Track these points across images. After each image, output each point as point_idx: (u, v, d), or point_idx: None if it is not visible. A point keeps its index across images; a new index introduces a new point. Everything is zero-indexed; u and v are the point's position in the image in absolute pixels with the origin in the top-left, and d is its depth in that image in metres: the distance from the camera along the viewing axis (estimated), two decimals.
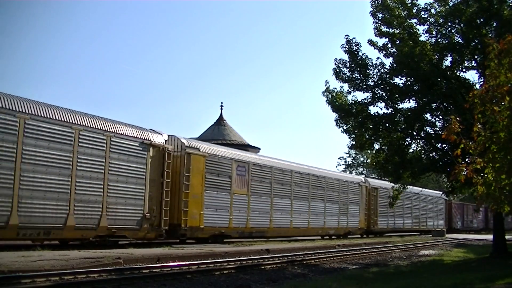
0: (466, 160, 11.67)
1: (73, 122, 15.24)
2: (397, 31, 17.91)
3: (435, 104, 18.17)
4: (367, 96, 18.38)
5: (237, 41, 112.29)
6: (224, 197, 21.19)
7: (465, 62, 18.15)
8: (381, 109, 18.51)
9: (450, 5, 17.45)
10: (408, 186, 35.94)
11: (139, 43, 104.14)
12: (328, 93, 18.45)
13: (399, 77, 18.15)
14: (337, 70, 18.17)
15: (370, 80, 18.13)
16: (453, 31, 17.69)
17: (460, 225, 51.64)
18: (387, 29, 18.04)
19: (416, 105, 18.39)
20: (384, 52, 18.17)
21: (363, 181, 33.94)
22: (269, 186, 24.15)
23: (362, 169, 71.60)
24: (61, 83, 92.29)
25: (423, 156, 19.33)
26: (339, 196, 30.02)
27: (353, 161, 72.35)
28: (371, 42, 18.26)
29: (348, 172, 71.37)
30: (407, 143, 19.42)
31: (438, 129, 18.56)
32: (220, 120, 39.13)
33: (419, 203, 41.93)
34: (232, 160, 21.77)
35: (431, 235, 40.74)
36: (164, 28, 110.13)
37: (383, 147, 19.59)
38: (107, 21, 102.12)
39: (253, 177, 23.00)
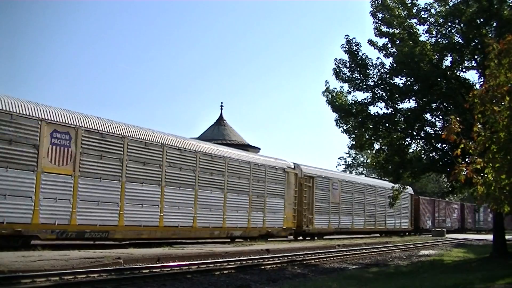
0: (466, 160, 11.67)
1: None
2: (397, 31, 17.92)
3: (435, 104, 18.17)
4: (367, 96, 18.40)
5: (237, 41, 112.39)
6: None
7: (465, 62, 18.15)
8: (381, 109, 18.54)
9: (450, 5, 17.44)
10: (360, 176, 32.63)
11: (139, 43, 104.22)
12: (328, 93, 18.46)
13: (399, 77, 18.15)
14: (337, 70, 18.17)
15: (370, 80, 18.13)
16: (453, 31, 17.69)
17: (430, 225, 44.88)
18: (387, 29, 18.05)
19: (416, 105, 18.39)
20: (384, 52, 18.17)
21: (292, 166, 25.86)
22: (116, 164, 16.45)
23: (362, 169, 71.67)
24: (61, 83, 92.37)
25: (423, 156, 19.33)
26: (250, 185, 22.42)
27: (353, 161, 72.40)
28: (371, 42, 18.27)
29: (348, 172, 71.38)
30: (407, 143, 19.43)
31: (438, 129, 18.56)
32: (220, 120, 39.12)
33: (375, 198, 34.66)
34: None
35: (431, 235, 40.65)
36: (164, 28, 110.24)
37: (383, 147, 19.59)
38: (107, 21, 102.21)
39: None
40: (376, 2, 17.83)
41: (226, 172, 21.11)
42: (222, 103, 44.91)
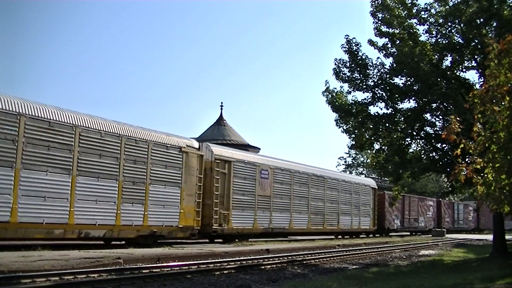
0: (466, 160, 11.67)
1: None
2: (397, 31, 17.92)
3: (435, 104, 18.17)
4: (367, 96, 18.41)
5: (237, 41, 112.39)
6: None
7: (465, 62, 18.16)
8: (381, 109, 18.55)
9: (450, 5, 17.45)
10: (305, 164, 27.08)
11: (140, 43, 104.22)
12: (328, 93, 18.46)
13: (399, 77, 18.17)
14: (337, 70, 18.18)
15: (370, 80, 18.14)
16: (453, 31, 17.69)
17: (398, 225, 39.25)
18: (387, 29, 18.05)
19: (416, 105, 18.40)
20: (384, 52, 18.18)
21: (194, 145, 19.69)
22: None
23: (362, 169, 71.68)
24: (60, 83, 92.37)
25: (423, 156, 19.34)
26: (121, 167, 16.50)
27: (353, 161, 72.41)
28: (371, 42, 18.27)
29: (348, 172, 71.40)
30: (407, 143, 19.44)
31: (438, 129, 18.57)
32: (220, 120, 39.13)
33: (325, 192, 28.59)
34: None
35: (424, 235, 40.45)
36: (164, 28, 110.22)
37: (383, 147, 19.61)
38: (107, 21, 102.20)
39: None
40: (376, 2, 17.83)
41: (77, 147, 15.21)
42: (222, 103, 44.94)
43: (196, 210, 19.34)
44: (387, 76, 18.06)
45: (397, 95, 18.21)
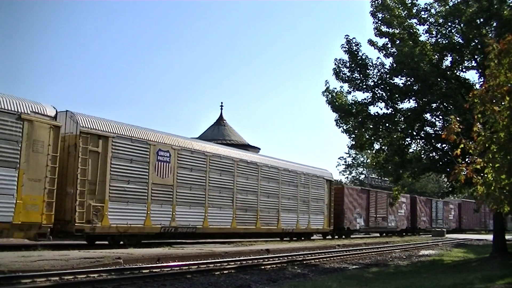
0: (466, 160, 11.67)
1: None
2: (397, 31, 17.92)
3: (435, 104, 18.17)
4: (367, 96, 18.41)
5: (237, 41, 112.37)
6: None
7: (465, 62, 18.15)
8: (381, 109, 18.55)
9: (450, 5, 17.44)
10: (227, 148, 22.10)
11: (140, 43, 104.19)
12: (328, 93, 18.46)
13: (399, 77, 18.16)
14: (337, 70, 18.17)
15: (370, 80, 18.13)
16: (453, 31, 17.68)
17: (362, 225, 33.97)
18: (387, 29, 18.05)
19: (416, 105, 18.40)
20: (384, 52, 18.17)
21: (47, 113, 14.53)
22: None
23: (362, 169, 71.69)
24: (60, 83, 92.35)
25: (423, 156, 19.34)
26: None
27: (353, 161, 72.43)
28: (371, 42, 18.27)
29: (348, 172, 71.37)
30: (407, 143, 19.43)
31: (438, 129, 18.57)
32: (220, 120, 39.15)
33: (259, 182, 23.06)
34: None
35: (431, 235, 40.17)
36: (165, 28, 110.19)
37: (383, 147, 19.60)
38: (107, 21, 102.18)
39: None
40: (376, 2, 17.83)
41: None
42: (222, 103, 44.92)
43: (47, 201, 14.17)
44: (387, 76, 18.05)
45: (397, 95, 18.21)
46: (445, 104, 18.06)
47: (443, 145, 18.15)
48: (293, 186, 25.87)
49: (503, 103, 8.91)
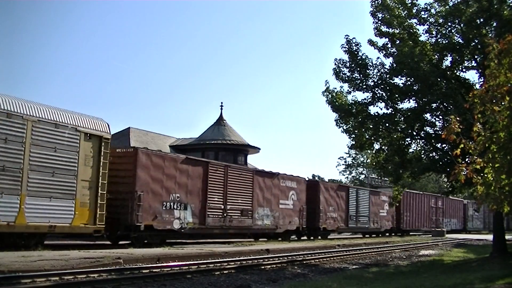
0: (466, 160, 11.67)
1: None
2: (397, 31, 17.93)
3: (435, 104, 18.18)
4: (367, 96, 18.40)
5: (237, 41, 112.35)
6: None
7: (465, 62, 18.16)
8: (381, 109, 18.54)
9: (450, 5, 17.45)
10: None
11: (140, 43, 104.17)
12: (328, 93, 18.46)
13: (399, 77, 18.16)
14: (337, 70, 18.18)
15: (370, 80, 18.14)
16: (453, 31, 17.70)
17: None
18: (387, 29, 18.06)
19: (416, 105, 18.40)
20: (384, 52, 18.18)
21: None
22: None
23: (362, 169, 71.75)
24: (57, 82, 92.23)
25: (423, 156, 19.34)
26: None
27: (353, 161, 72.49)
28: (371, 42, 18.27)
29: (348, 172, 71.46)
30: (407, 143, 19.43)
31: (438, 129, 18.57)
32: (220, 120, 39.11)
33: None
34: None
35: (431, 235, 39.91)
36: (165, 28, 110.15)
37: (383, 147, 19.60)
38: (104, 19, 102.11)
39: None
40: (376, 2, 17.83)
41: None
42: (222, 103, 44.88)
43: None
44: (387, 76, 18.06)
45: (397, 95, 18.21)
46: (445, 104, 18.06)
47: (443, 145, 18.16)
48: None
49: (503, 103, 8.91)
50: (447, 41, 17.69)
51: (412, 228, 41.16)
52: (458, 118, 9.59)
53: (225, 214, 21.53)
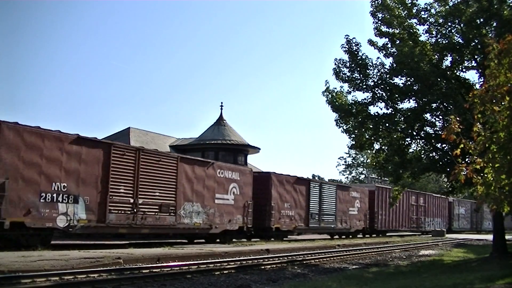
0: (466, 160, 11.68)
1: None
2: (397, 31, 17.94)
3: (435, 104, 18.19)
4: (367, 96, 18.42)
5: (237, 41, 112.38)
6: None
7: (465, 62, 18.17)
8: (381, 109, 18.56)
9: (450, 5, 17.46)
10: None
11: (140, 43, 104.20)
12: (328, 93, 18.47)
13: (399, 77, 18.18)
14: (337, 70, 18.19)
15: (370, 80, 18.15)
16: (453, 31, 17.70)
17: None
18: (387, 29, 18.07)
19: (416, 105, 18.41)
20: (384, 52, 18.19)
21: None
22: None
23: (362, 169, 71.78)
24: (58, 82, 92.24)
25: (423, 156, 19.34)
26: None
27: (353, 161, 72.52)
28: (371, 42, 18.29)
29: (348, 172, 71.45)
30: (407, 143, 19.44)
31: (438, 129, 18.58)
32: (220, 120, 39.12)
33: None
34: None
35: (430, 235, 39.68)
36: (165, 28, 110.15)
37: (383, 147, 19.60)
38: (104, 19, 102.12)
39: None
40: (376, 2, 17.84)
41: None
42: (222, 103, 44.89)
43: None
44: (387, 76, 18.07)
45: (397, 95, 18.22)
46: (445, 104, 18.07)
47: (443, 145, 18.16)
48: None
49: (503, 103, 8.91)
50: (447, 41, 17.70)
51: (388, 229, 37.15)
52: (458, 118, 9.60)
53: (135, 210, 17.20)
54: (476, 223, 53.96)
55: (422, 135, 19.14)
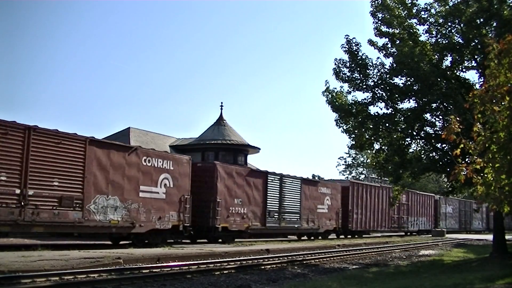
0: (466, 160, 11.68)
1: None
2: (397, 31, 17.94)
3: (435, 104, 18.19)
4: (367, 96, 18.42)
5: (237, 41, 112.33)
6: None
7: (465, 62, 18.18)
8: (381, 109, 18.55)
9: (450, 5, 17.47)
10: None
11: (140, 43, 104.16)
12: (328, 93, 18.47)
13: (399, 77, 18.17)
14: (337, 70, 18.19)
15: (370, 80, 18.15)
16: (453, 31, 17.71)
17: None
18: (387, 29, 18.07)
19: (416, 105, 18.41)
20: (384, 52, 18.19)
21: None
22: None
23: (362, 169, 71.78)
24: (58, 82, 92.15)
25: (423, 156, 19.34)
26: None
27: (353, 161, 72.54)
28: (371, 42, 18.28)
29: (348, 172, 71.40)
30: (407, 143, 19.44)
31: (438, 129, 18.58)
32: (220, 120, 39.13)
33: None
34: None
35: (431, 235, 39.63)
36: (166, 28, 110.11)
37: (383, 147, 19.60)
38: (104, 19, 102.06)
39: None
40: (376, 2, 17.84)
41: None
42: (222, 103, 44.89)
43: None
44: (387, 76, 18.07)
45: (397, 95, 18.22)
46: (445, 104, 18.07)
47: (443, 145, 18.17)
48: None
49: (503, 103, 8.91)
50: (447, 41, 17.71)
51: (365, 229, 33.51)
52: (458, 118, 9.60)
53: (23, 203, 13.72)
54: (465, 223, 51.07)
55: (422, 135, 19.14)
